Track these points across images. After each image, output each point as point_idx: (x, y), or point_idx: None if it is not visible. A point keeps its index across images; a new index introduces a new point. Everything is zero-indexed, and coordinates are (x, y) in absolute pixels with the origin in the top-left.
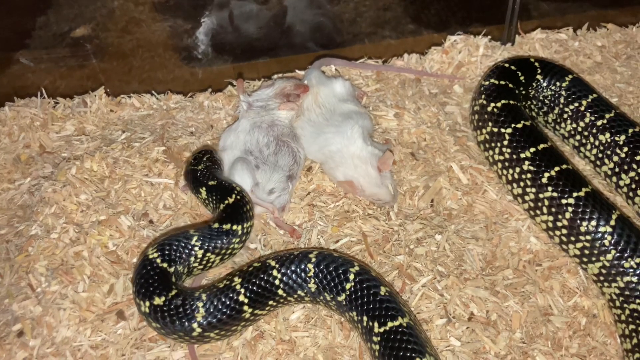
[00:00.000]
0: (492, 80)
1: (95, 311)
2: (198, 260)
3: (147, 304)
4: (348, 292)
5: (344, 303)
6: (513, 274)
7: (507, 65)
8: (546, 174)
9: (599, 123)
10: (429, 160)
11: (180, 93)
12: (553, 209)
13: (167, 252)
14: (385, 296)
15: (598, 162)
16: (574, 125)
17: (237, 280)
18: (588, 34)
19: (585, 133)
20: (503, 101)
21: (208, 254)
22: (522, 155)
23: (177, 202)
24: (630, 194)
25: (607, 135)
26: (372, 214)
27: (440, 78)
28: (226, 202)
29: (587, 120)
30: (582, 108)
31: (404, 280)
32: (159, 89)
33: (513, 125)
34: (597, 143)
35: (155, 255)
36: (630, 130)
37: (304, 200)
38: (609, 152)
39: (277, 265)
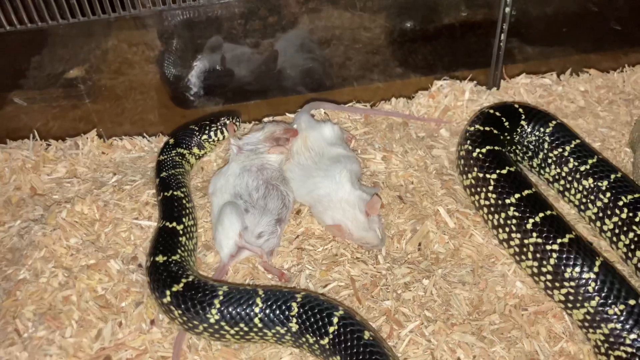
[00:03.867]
0: (477, 126)
1: (82, 357)
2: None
3: (152, 259)
4: (331, 336)
5: (327, 347)
6: (499, 318)
7: (491, 111)
8: (531, 220)
9: (582, 168)
10: (416, 203)
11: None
12: (538, 255)
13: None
14: (369, 340)
15: (582, 207)
16: (558, 170)
17: (224, 288)
18: (571, 79)
19: (569, 178)
20: (488, 147)
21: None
22: (507, 201)
23: None
24: (614, 238)
25: (590, 180)
26: (360, 257)
27: (427, 122)
28: (161, 195)
29: (570, 165)
30: (566, 153)
31: (391, 326)
32: (151, 131)
33: (498, 171)
34: (580, 188)
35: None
36: (613, 176)
37: (293, 244)
38: (592, 197)
39: (262, 295)
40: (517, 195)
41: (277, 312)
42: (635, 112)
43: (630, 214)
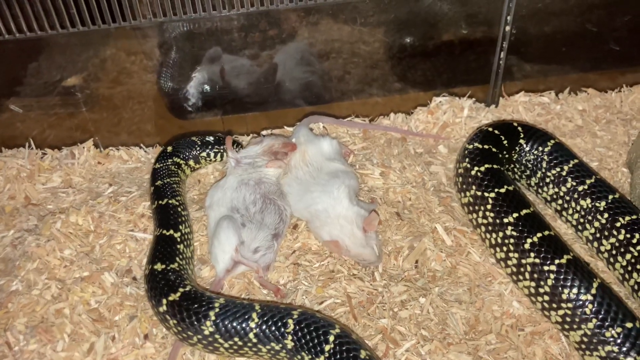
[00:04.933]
0: (476, 144)
1: None
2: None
3: (150, 267)
4: (327, 354)
5: None
6: (496, 338)
7: (490, 129)
8: (529, 240)
9: (580, 188)
10: (413, 220)
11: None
12: (535, 275)
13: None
14: (366, 359)
15: (579, 227)
16: (556, 189)
17: (221, 300)
18: (569, 98)
19: (567, 198)
20: (487, 165)
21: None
22: (505, 220)
23: None
24: (611, 259)
25: (588, 201)
26: (356, 274)
27: (425, 138)
28: (155, 204)
29: (568, 185)
30: (564, 173)
31: (387, 344)
32: (148, 141)
33: (496, 190)
34: (578, 208)
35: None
36: (610, 197)
37: (289, 259)
38: (590, 218)
39: (259, 310)
40: (515, 215)
41: (273, 328)
42: (632, 133)
43: (628, 236)
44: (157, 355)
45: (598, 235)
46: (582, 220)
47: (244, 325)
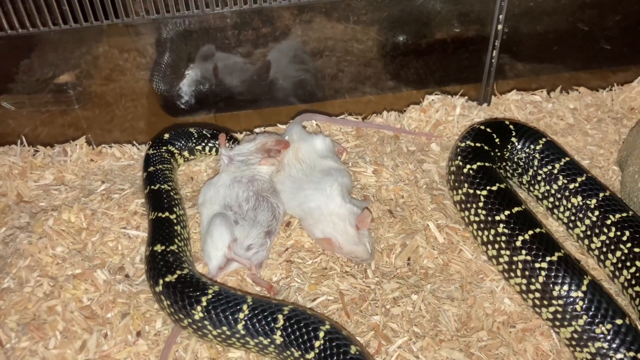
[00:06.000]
0: (468, 142)
1: None
2: None
3: (150, 248)
4: (317, 350)
5: None
6: (487, 335)
7: (482, 127)
8: (520, 238)
9: (571, 186)
10: (406, 218)
11: None
12: (527, 273)
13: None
14: (356, 355)
15: (571, 225)
16: (548, 187)
17: (215, 287)
18: (561, 97)
19: (558, 195)
20: (479, 163)
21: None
22: (497, 218)
23: None
24: (602, 257)
25: (579, 198)
26: (349, 271)
27: (418, 136)
28: (148, 189)
29: (560, 183)
30: (555, 171)
31: (379, 341)
32: (141, 139)
33: (488, 188)
34: (569, 206)
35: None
36: (601, 195)
37: (282, 257)
38: (581, 215)
39: (251, 302)
40: (507, 212)
41: (263, 322)
42: (623, 131)
43: (618, 233)
44: (150, 353)
45: (589, 232)
46: (573, 217)
47: (234, 315)
